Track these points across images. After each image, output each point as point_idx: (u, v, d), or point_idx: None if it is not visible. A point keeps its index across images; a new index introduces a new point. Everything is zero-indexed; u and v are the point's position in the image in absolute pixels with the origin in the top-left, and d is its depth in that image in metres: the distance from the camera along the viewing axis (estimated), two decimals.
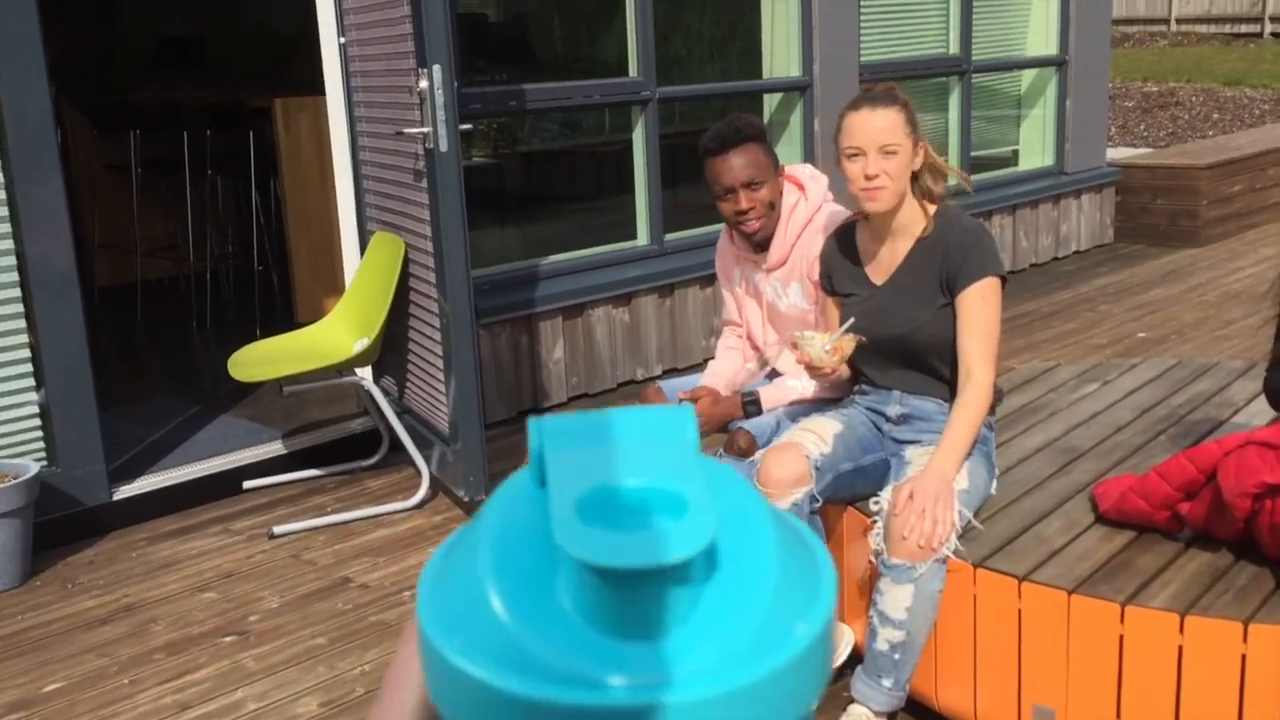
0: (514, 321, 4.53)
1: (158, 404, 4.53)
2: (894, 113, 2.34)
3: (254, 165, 5.50)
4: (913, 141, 2.36)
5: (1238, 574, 2.11)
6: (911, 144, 2.36)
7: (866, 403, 2.55)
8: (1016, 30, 6.80)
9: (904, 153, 2.34)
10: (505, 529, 0.47)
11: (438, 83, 3.26)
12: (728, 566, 0.45)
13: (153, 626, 3.04)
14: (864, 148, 2.33)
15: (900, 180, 2.36)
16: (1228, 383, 3.16)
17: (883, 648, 2.26)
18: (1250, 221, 7.56)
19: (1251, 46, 18.21)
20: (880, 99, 2.36)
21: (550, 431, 0.48)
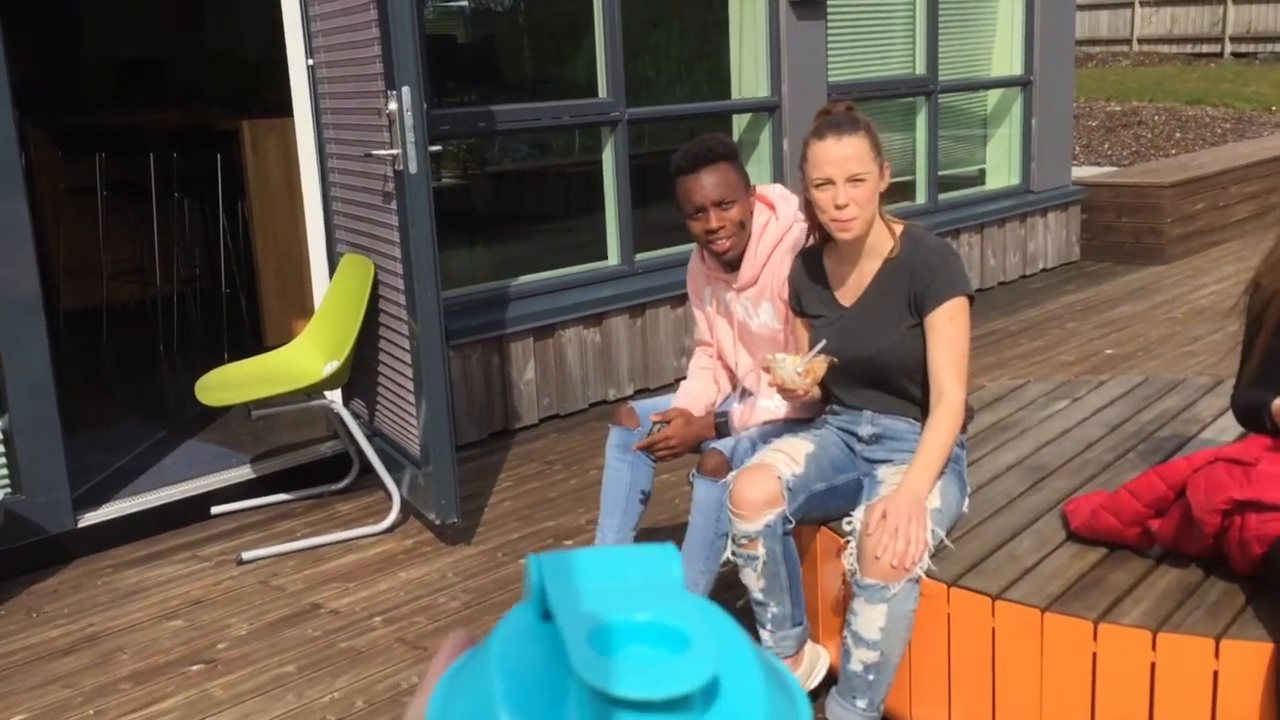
0: (485, 343, 4.51)
1: (124, 429, 4.47)
2: (859, 139, 2.34)
3: (221, 188, 5.46)
4: (879, 165, 2.37)
5: (1208, 590, 2.12)
6: (878, 168, 2.37)
7: (838, 423, 2.56)
8: (982, 51, 6.87)
9: (871, 178, 2.35)
10: (513, 661, 0.49)
11: (407, 104, 3.25)
12: (724, 698, 0.48)
13: (119, 656, 2.99)
14: (832, 178, 2.33)
15: (869, 207, 2.37)
16: (1195, 399, 3.19)
17: (857, 668, 2.25)
18: (1213, 239, 7.66)
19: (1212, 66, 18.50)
20: (844, 126, 2.35)
21: (550, 568, 0.52)
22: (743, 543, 2.36)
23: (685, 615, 0.49)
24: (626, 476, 2.84)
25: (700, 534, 2.60)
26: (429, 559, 3.48)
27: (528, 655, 0.49)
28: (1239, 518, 2.05)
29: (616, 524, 2.86)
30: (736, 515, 2.35)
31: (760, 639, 2.47)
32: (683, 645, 0.48)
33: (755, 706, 0.48)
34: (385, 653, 2.93)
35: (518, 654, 0.49)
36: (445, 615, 3.11)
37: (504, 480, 4.12)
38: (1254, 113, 14.39)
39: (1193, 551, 2.19)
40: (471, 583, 3.30)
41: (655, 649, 0.48)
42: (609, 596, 0.50)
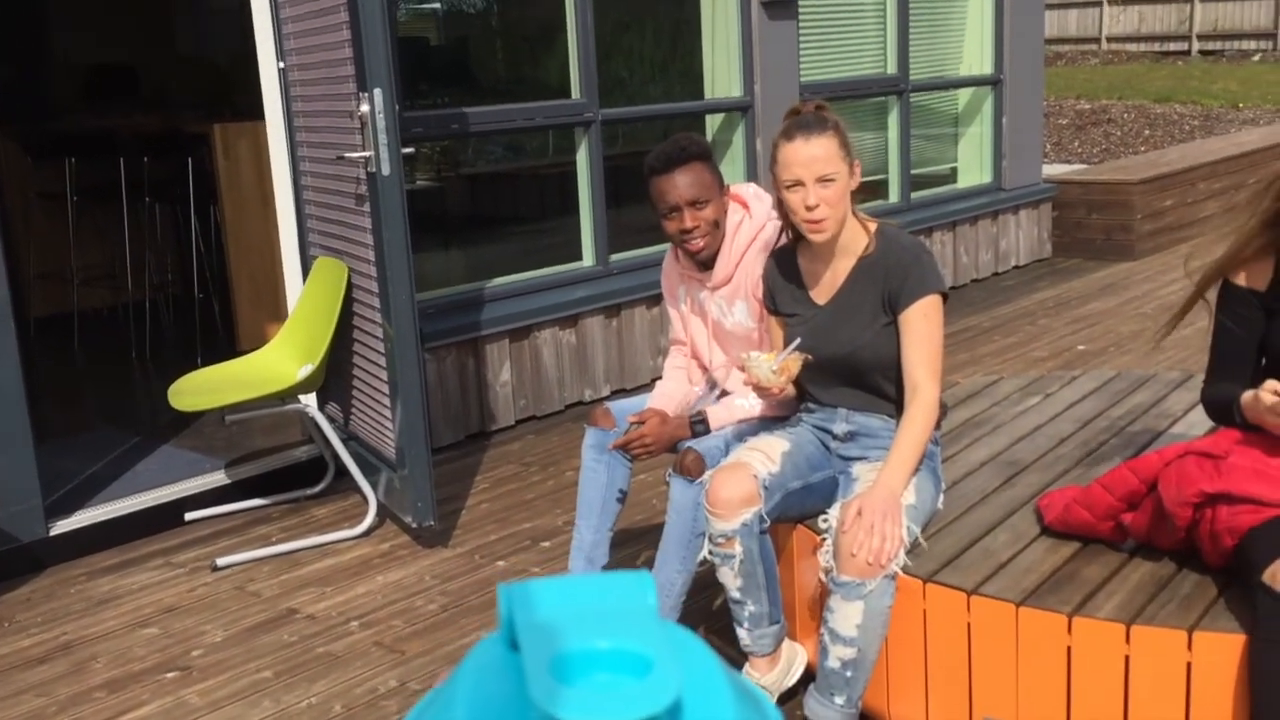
0: (460, 345, 4.50)
1: (96, 436, 4.44)
2: (828, 139, 2.34)
3: (193, 192, 5.43)
4: (848, 165, 2.38)
5: (1181, 583, 2.14)
6: (848, 167, 2.37)
7: (813, 421, 2.56)
8: (952, 50, 6.91)
9: (841, 178, 2.35)
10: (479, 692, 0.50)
11: (379, 106, 3.24)
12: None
13: (93, 664, 2.96)
14: (802, 179, 2.34)
15: (840, 207, 2.37)
16: (1165, 394, 3.22)
17: (834, 665, 2.26)
18: (1182, 235, 7.73)
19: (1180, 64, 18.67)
20: (813, 126, 2.36)
21: (519, 597, 0.52)
22: (719, 541, 2.37)
23: (650, 641, 0.50)
24: (603, 477, 2.84)
25: (677, 533, 2.61)
26: (406, 562, 3.47)
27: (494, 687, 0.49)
28: (1210, 510, 2.07)
29: (593, 524, 2.86)
30: (713, 514, 2.36)
31: (738, 637, 2.47)
32: (645, 671, 0.48)
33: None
34: (363, 657, 2.92)
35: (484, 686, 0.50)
36: (423, 618, 3.10)
37: (480, 482, 4.11)
38: (1221, 109, 14.53)
39: (1165, 545, 2.21)
40: (449, 585, 3.30)
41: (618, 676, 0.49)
42: (577, 625, 0.51)
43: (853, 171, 2.39)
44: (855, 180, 2.41)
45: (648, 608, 0.53)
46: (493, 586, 3.28)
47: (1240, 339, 2.21)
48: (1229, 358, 2.25)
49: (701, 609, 3.02)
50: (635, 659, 0.49)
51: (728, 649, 2.81)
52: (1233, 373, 2.23)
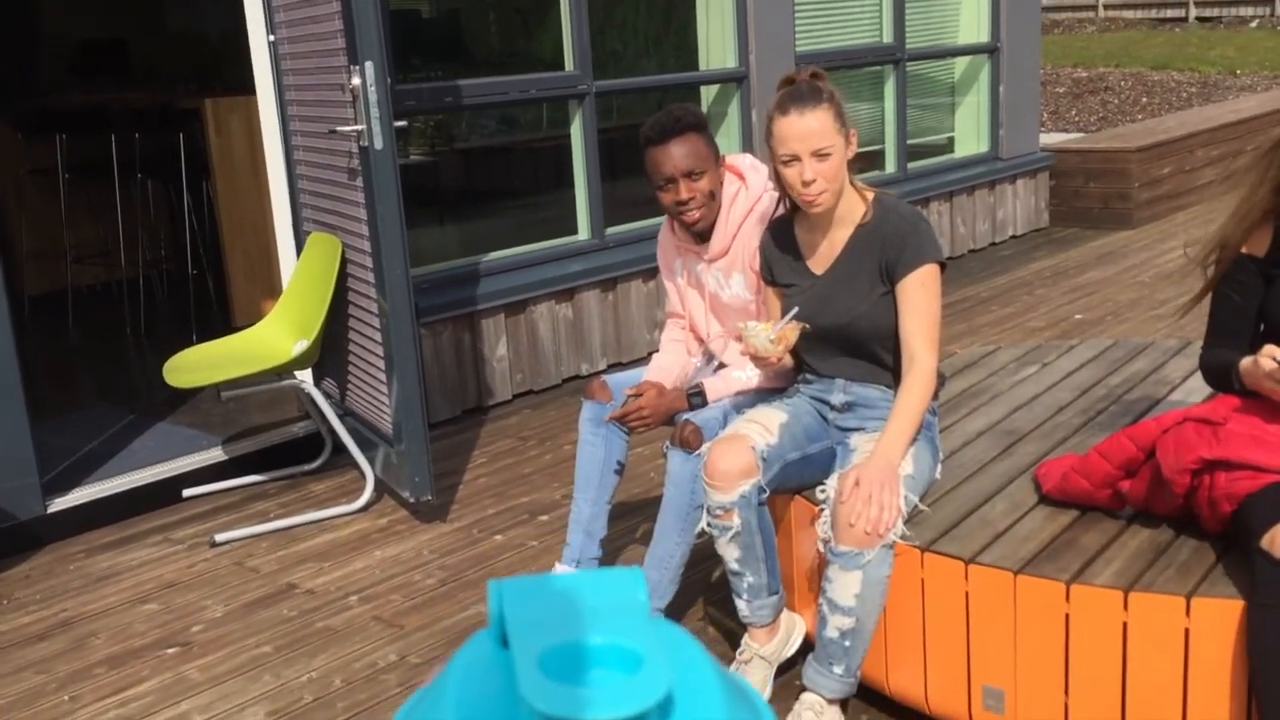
0: (456, 320, 4.49)
1: (92, 413, 4.43)
2: (822, 112, 2.32)
3: (185, 167, 5.40)
4: (844, 136, 2.36)
5: (1179, 549, 2.14)
6: (844, 139, 2.35)
7: (811, 392, 2.56)
8: (949, 18, 6.86)
9: (837, 151, 2.33)
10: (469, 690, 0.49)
11: (370, 80, 3.21)
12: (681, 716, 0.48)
13: (92, 640, 2.97)
14: (797, 153, 2.32)
15: (837, 179, 2.36)
16: (1163, 361, 3.21)
17: (833, 635, 2.26)
18: (1180, 203, 7.70)
19: (1177, 31, 18.58)
20: (807, 99, 2.33)
21: (510, 593, 0.52)
22: (718, 513, 2.36)
23: (641, 638, 0.50)
24: (600, 450, 2.84)
25: (675, 506, 2.60)
26: (404, 537, 3.47)
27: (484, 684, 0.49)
28: (1208, 477, 2.07)
29: (591, 497, 2.85)
30: (711, 486, 2.35)
31: (737, 608, 2.47)
32: (636, 667, 0.48)
33: None
34: (362, 631, 2.92)
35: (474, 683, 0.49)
36: (421, 593, 3.11)
37: (478, 457, 4.11)
38: (1219, 76, 14.47)
39: (1163, 511, 2.21)
40: (447, 560, 3.30)
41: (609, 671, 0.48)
42: (568, 621, 0.50)
43: (849, 142, 2.37)
44: (852, 150, 2.39)
45: (639, 604, 0.53)
46: (491, 561, 3.28)
47: (1239, 305, 2.20)
48: (1227, 324, 2.24)
49: (700, 580, 3.03)
50: (626, 655, 0.49)
51: (727, 620, 2.82)
52: (1231, 339, 2.22)
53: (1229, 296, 2.23)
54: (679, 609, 2.85)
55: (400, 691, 2.64)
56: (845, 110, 2.38)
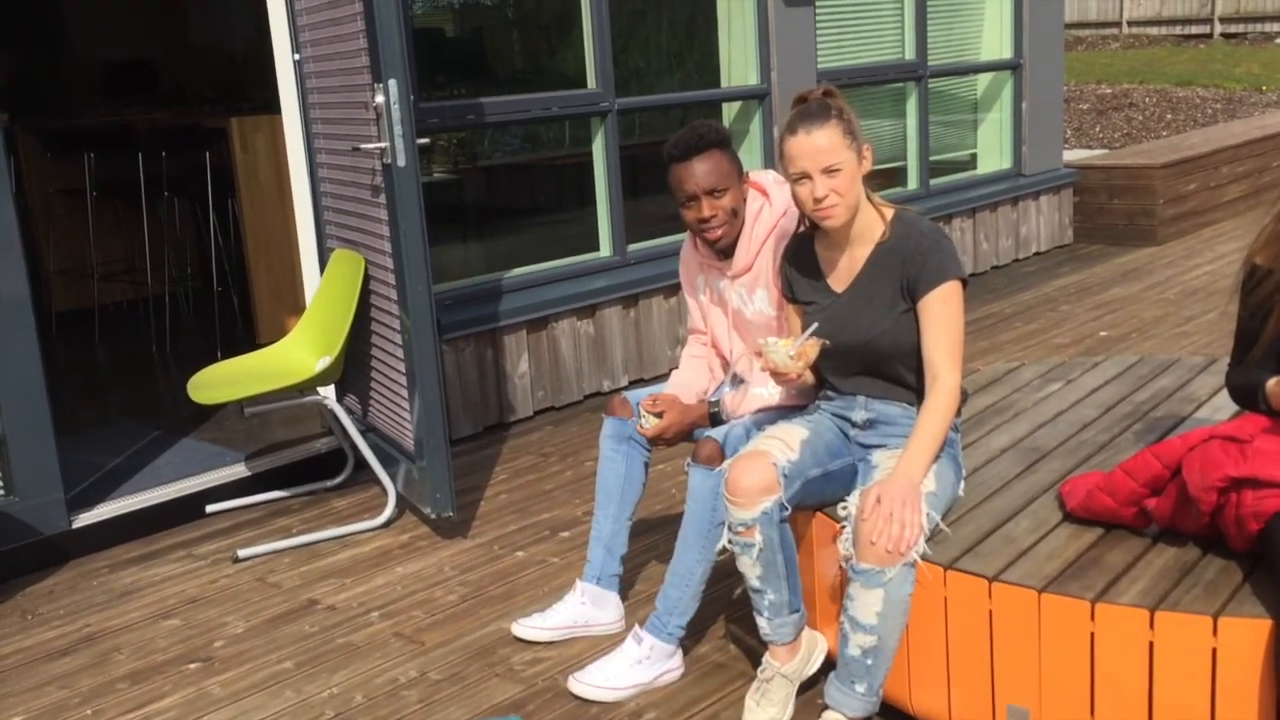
0: (478, 336, 4.50)
1: (117, 429, 4.46)
2: (830, 129, 2.32)
3: (211, 186, 5.44)
4: (855, 151, 2.36)
5: (1205, 568, 2.12)
6: (855, 154, 2.35)
7: (832, 409, 2.55)
8: (971, 35, 6.86)
9: (848, 167, 2.33)
10: None
11: (394, 97, 3.24)
12: None
13: (115, 656, 2.98)
14: (808, 171, 2.32)
15: (850, 194, 2.36)
16: (1189, 378, 3.19)
17: (855, 653, 2.24)
18: (1206, 219, 7.65)
19: (1202, 47, 18.49)
20: (815, 117, 2.34)
21: None
22: (739, 530, 2.35)
23: None
24: (621, 467, 2.83)
25: (696, 522, 2.60)
26: (425, 553, 3.47)
27: None
28: (1235, 495, 2.05)
29: (612, 514, 2.85)
30: (733, 503, 2.34)
31: (758, 626, 2.46)
32: None
33: None
34: (383, 647, 2.92)
35: None
36: (442, 609, 3.11)
37: (499, 473, 4.11)
38: (1244, 93, 14.39)
39: (1189, 530, 2.19)
40: (468, 576, 3.30)
41: None
42: None
43: (862, 156, 2.37)
44: (866, 165, 2.39)
45: None
46: (512, 577, 3.28)
47: (1265, 323, 2.18)
48: (1253, 342, 2.21)
49: (722, 597, 3.01)
50: None
51: (748, 637, 2.80)
52: (1261, 356, 2.20)
53: (1253, 312, 2.20)
54: (700, 626, 2.84)
55: (421, 708, 2.63)
56: (857, 126, 2.37)
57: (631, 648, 2.66)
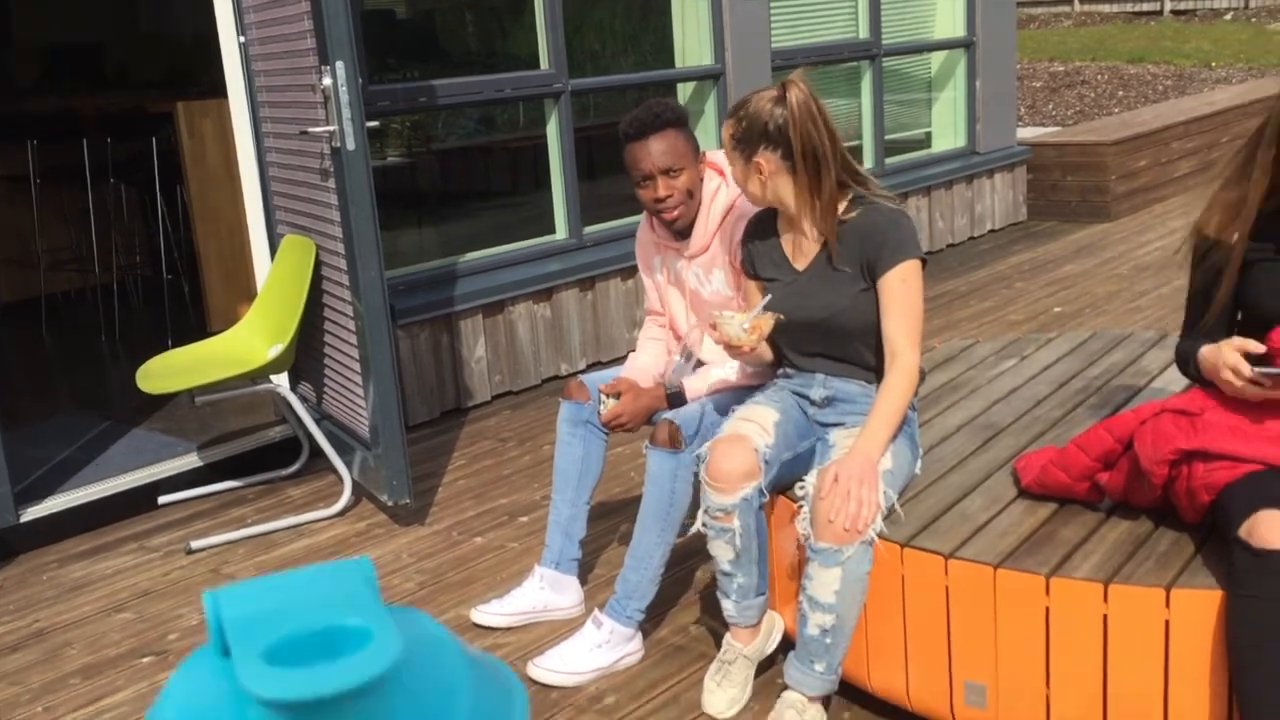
0: (433, 321, 4.46)
1: (66, 421, 4.38)
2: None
3: (158, 172, 5.35)
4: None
5: (1158, 541, 2.14)
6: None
7: (791, 386, 2.54)
8: (924, 14, 6.87)
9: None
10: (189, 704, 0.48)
11: (342, 80, 3.18)
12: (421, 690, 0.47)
13: (67, 651, 2.93)
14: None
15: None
16: (1141, 352, 3.21)
17: (814, 632, 2.25)
18: (1157, 195, 7.73)
19: (1152, 24, 18.67)
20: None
21: (228, 600, 0.51)
22: (717, 515, 2.34)
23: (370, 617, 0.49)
24: (579, 450, 2.81)
25: (655, 506, 2.58)
26: (382, 541, 3.44)
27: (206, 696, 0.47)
28: (1186, 468, 2.06)
29: (570, 498, 2.83)
30: (714, 488, 2.32)
31: (723, 608, 2.46)
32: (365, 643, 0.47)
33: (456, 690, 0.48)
34: None
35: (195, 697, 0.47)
36: (400, 596, 3.08)
37: (457, 459, 4.08)
38: (1194, 69, 14.55)
39: (1142, 503, 2.21)
40: (426, 563, 3.27)
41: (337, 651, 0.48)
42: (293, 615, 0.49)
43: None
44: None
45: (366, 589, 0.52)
46: (471, 564, 3.25)
47: (1213, 293, 2.19)
48: (1207, 311, 2.22)
49: (680, 580, 3.01)
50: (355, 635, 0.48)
51: (709, 619, 2.80)
52: (1211, 326, 2.21)
53: (1203, 282, 2.22)
54: (659, 610, 2.83)
55: None
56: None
57: (591, 632, 2.64)
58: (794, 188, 2.38)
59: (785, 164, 2.36)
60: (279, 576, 0.53)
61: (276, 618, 0.48)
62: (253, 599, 0.50)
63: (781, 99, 2.34)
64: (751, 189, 2.42)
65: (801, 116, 2.32)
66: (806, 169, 2.35)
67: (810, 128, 2.33)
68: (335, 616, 0.48)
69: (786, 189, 2.39)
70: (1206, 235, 2.18)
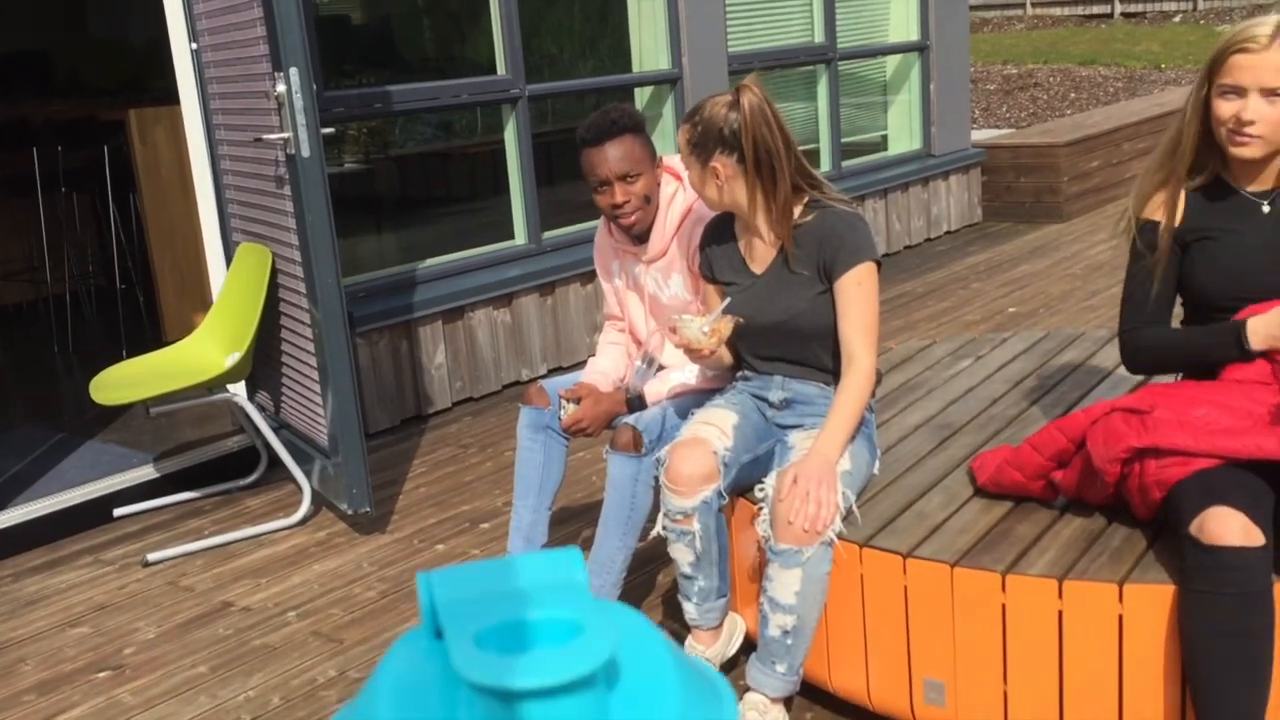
0: (392, 328, 4.44)
1: (19, 433, 4.32)
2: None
3: (110, 180, 5.29)
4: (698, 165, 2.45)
5: (1111, 537, 2.17)
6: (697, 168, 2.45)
7: (749, 389, 2.55)
8: (879, 18, 6.93)
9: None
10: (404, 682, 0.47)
11: (295, 86, 3.17)
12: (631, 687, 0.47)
13: (21, 667, 2.89)
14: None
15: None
16: (1094, 351, 3.26)
17: (775, 634, 2.26)
18: (1109, 195, 7.84)
19: (1103, 27, 18.93)
20: None
21: (440, 583, 0.51)
22: (677, 518, 2.35)
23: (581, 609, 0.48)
24: (540, 456, 2.81)
25: (616, 510, 2.59)
26: (342, 550, 3.42)
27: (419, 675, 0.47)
28: (1138, 465, 2.09)
29: (531, 504, 2.83)
30: (672, 491, 2.33)
31: (684, 611, 2.46)
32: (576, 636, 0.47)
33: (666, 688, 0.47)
34: (300, 647, 2.87)
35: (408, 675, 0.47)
36: (361, 605, 3.06)
37: (418, 466, 4.06)
38: (1144, 71, 14.77)
39: (1095, 500, 2.24)
40: (387, 571, 3.25)
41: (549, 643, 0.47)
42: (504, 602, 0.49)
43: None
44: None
45: (577, 579, 0.51)
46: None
47: (1159, 277, 2.22)
48: (1151, 298, 2.24)
49: (643, 584, 3.01)
50: (566, 627, 0.47)
51: (670, 622, 2.81)
52: (1158, 314, 2.24)
53: (1143, 269, 2.24)
54: None
55: (340, 707, 2.59)
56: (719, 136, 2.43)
57: None
58: (749, 192, 2.40)
59: (740, 168, 2.37)
60: (490, 563, 0.53)
61: (488, 603, 0.48)
62: (464, 583, 0.50)
63: (736, 104, 2.35)
64: (708, 194, 2.43)
65: (755, 121, 2.34)
66: (761, 173, 2.37)
67: (764, 132, 2.34)
68: (547, 606, 0.48)
69: (742, 193, 2.40)
70: (1145, 220, 2.21)
